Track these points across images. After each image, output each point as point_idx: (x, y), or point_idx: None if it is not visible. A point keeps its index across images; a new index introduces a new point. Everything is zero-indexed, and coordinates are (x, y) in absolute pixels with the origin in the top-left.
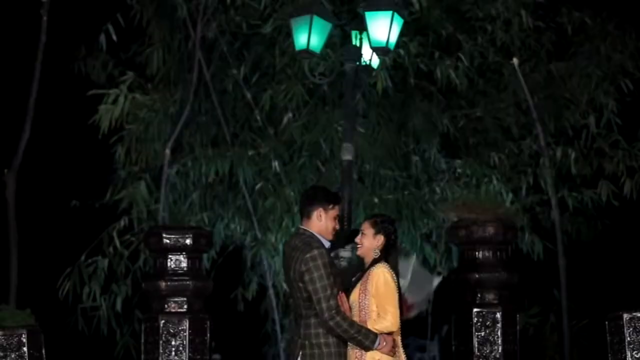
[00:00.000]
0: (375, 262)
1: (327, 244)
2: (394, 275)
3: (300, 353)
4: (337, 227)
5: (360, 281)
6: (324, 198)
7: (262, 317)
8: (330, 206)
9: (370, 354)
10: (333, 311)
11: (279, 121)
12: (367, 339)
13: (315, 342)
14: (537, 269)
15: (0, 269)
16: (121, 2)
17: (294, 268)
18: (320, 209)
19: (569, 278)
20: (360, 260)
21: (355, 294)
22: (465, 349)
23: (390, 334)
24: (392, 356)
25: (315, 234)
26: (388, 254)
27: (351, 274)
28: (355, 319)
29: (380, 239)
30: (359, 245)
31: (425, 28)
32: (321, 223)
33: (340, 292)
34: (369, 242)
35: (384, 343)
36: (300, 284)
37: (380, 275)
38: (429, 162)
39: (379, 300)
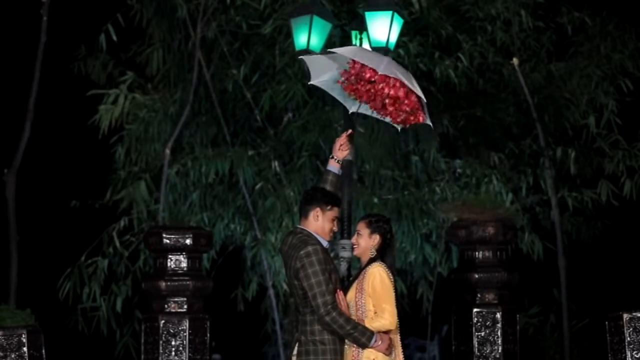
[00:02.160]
0: (371, 261)
1: (324, 244)
2: (390, 274)
3: (297, 347)
4: (335, 228)
5: (357, 280)
6: (322, 199)
7: (262, 317)
8: (329, 207)
9: (366, 352)
10: (329, 307)
11: (279, 121)
12: (363, 336)
13: (311, 338)
14: (537, 269)
15: (0, 269)
16: (121, 2)
17: (290, 266)
18: (318, 209)
19: (569, 278)
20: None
21: (351, 294)
22: (465, 349)
23: (387, 332)
24: (389, 355)
25: (313, 233)
26: (384, 253)
27: None
28: (353, 318)
29: (376, 238)
30: (355, 246)
31: (425, 28)
32: (318, 223)
33: (337, 289)
34: (365, 242)
35: (380, 341)
36: (296, 282)
37: (377, 274)
38: (429, 162)
39: (375, 299)
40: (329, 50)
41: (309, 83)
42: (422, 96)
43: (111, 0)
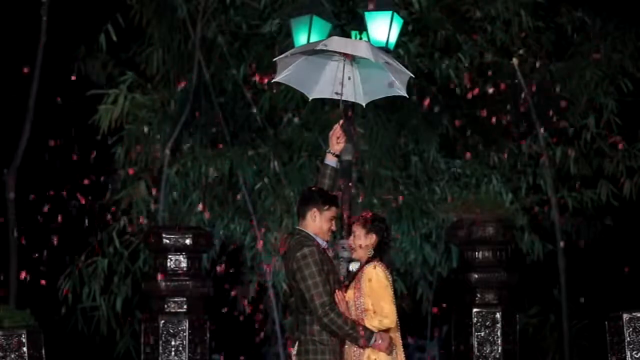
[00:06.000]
0: (369, 261)
1: (323, 244)
2: (387, 273)
3: (297, 346)
4: (334, 228)
5: (355, 280)
6: (319, 199)
7: (262, 317)
8: (326, 207)
9: (367, 352)
10: (327, 307)
11: (279, 121)
12: (362, 336)
13: (310, 338)
14: (537, 269)
15: (0, 269)
16: (121, 2)
17: (288, 267)
18: (315, 210)
19: (569, 278)
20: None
21: (350, 293)
22: (465, 349)
23: (387, 331)
24: (389, 354)
25: (311, 234)
26: (382, 252)
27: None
28: (352, 317)
29: (373, 237)
30: (352, 248)
31: (425, 28)
32: (316, 223)
33: (337, 289)
34: (362, 242)
35: (380, 340)
36: (294, 283)
37: (374, 274)
38: (429, 162)
39: (373, 298)
40: (311, 43)
41: (272, 81)
42: (410, 74)
43: (111, 0)
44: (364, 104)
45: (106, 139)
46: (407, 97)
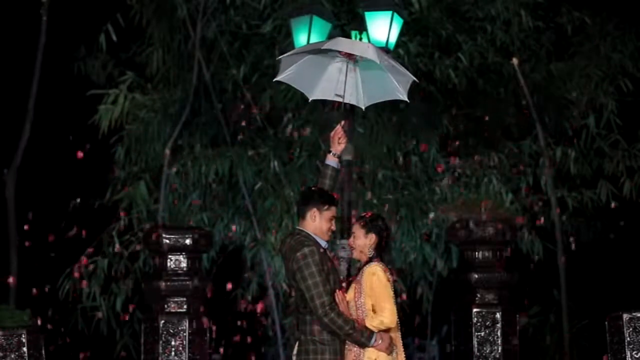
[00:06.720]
0: (369, 260)
1: (323, 244)
2: (388, 272)
3: (297, 346)
4: (333, 228)
5: (355, 280)
6: (318, 199)
7: (262, 317)
8: (325, 207)
9: (367, 351)
10: (327, 307)
11: (278, 121)
12: (362, 336)
13: (310, 337)
14: (537, 269)
15: (0, 269)
16: (121, 2)
17: (288, 267)
18: (315, 210)
19: (569, 278)
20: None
21: (350, 294)
22: (465, 349)
23: (387, 331)
24: (390, 354)
25: (311, 234)
26: (382, 252)
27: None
28: (353, 317)
29: (372, 237)
30: (352, 248)
31: (425, 28)
32: (315, 223)
33: (337, 289)
34: (362, 242)
35: (380, 340)
36: (294, 283)
37: (374, 273)
38: (429, 162)
39: (374, 298)
40: (315, 42)
41: (273, 80)
42: (413, 77)
43: (111, 0)
44: (363, 107)
45: (106, 139)
46: (408, 101)
